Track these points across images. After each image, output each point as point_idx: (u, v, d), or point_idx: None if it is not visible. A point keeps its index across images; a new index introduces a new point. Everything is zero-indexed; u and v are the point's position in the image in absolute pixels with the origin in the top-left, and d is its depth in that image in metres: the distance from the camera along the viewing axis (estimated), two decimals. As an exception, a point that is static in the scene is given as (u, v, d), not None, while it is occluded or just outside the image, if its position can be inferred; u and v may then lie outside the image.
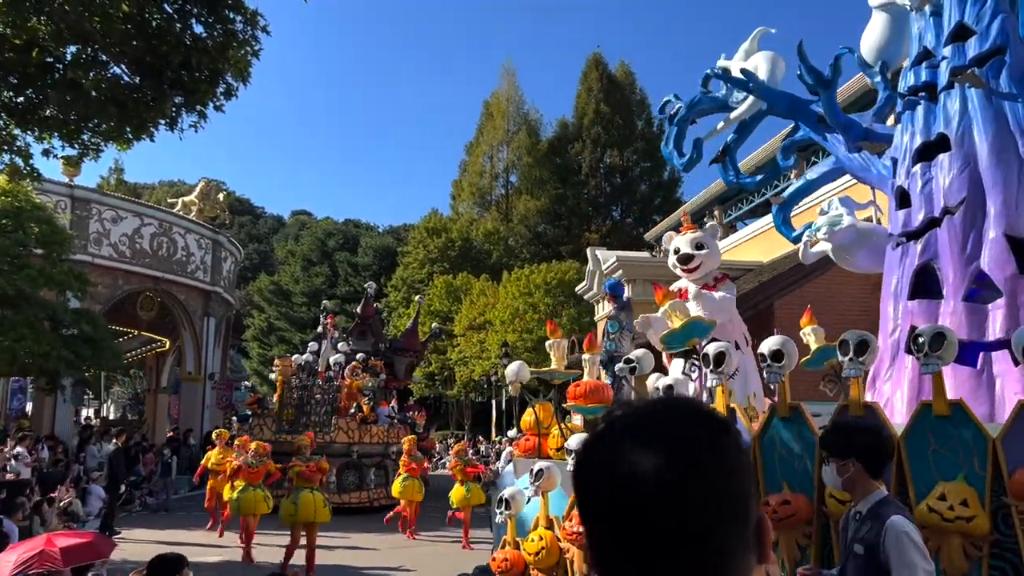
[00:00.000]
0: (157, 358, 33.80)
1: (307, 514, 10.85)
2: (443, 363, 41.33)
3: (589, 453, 1.01)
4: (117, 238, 25.51)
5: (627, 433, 0.97)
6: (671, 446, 0.94)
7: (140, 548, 12.92)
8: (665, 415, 0.99)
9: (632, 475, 0.93)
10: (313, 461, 11.43)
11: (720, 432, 0.98)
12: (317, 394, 19.67)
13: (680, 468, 0.92)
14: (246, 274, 63.81)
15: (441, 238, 49.52)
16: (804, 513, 4.28)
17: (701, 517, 0.92)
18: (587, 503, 0.99)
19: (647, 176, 50.82)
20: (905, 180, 5.92)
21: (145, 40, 6.10)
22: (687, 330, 6.10)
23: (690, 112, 7.24)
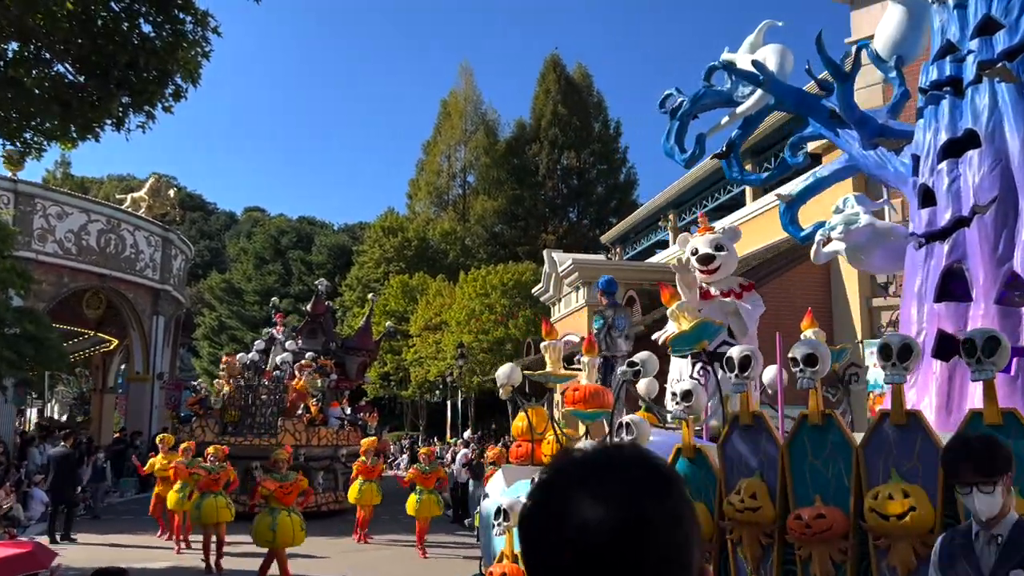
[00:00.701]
0: (104, 357, 33.02)
1: (285, 539, 10.14)
2: (398, 363, 41.08)
3: (537, 503, 1.01)
4: (63, 234, 24.85)
5: (576, 484, 0.98)
6: (619, 498, 0.95)
7: (85, 554, 12.63)
8: (613, 466, 1.00)
9: (581, 527, 0.94)
10: (289, 481, 10.48)
11: (667, 483, 1.00)
12: (263, 394, 19.02)
13: (629, 520, 0.93)
14: (197, 271, 62.68)
15: (397, 237, 49.24)
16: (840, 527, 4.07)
17: (649, 568, 0.93)
18: (534, 553, 0.99)
19: (603, 178, 51.20)
20: (930, 178, 5.68)
21: (91, 39, 5.93)
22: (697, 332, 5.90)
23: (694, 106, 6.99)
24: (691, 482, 4.32)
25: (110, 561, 11.92)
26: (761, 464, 4.34)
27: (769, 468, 4.31)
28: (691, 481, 4.32)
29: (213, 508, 11.91)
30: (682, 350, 6.35)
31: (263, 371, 19.66)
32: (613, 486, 0.96)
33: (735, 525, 4.24)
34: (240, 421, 18.59)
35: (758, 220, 18.37)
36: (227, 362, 19.76)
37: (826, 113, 6.49)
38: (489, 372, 31.98)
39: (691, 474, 4.41)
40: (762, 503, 4.19)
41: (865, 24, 15.30)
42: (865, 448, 4.08)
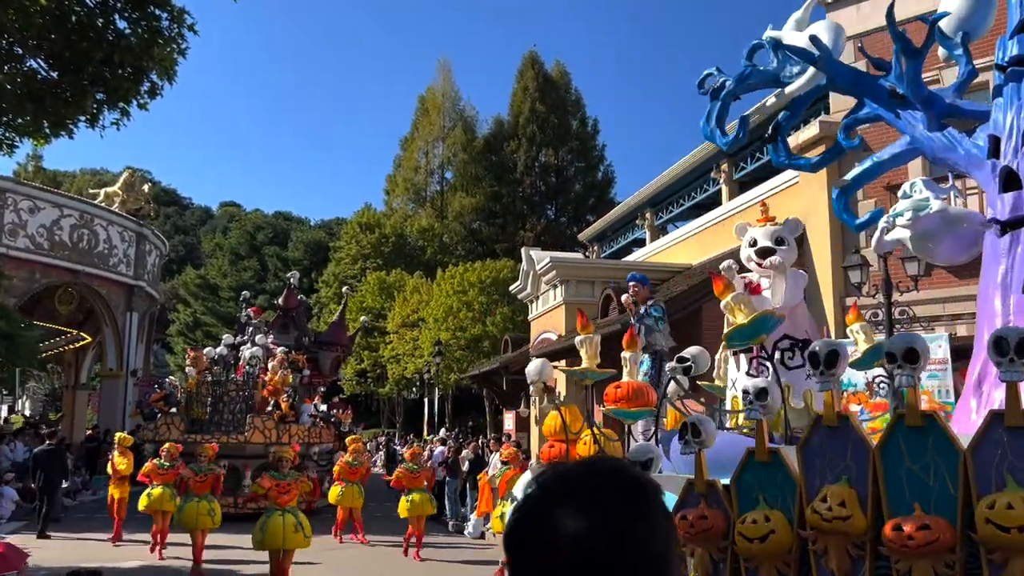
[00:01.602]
0: (76, 353, 32.59)
1: (274, 541, 9.40)
2: (375, 360, 40.97)
3: (520, 517, 1.05)
4: (34, 229, 24.50)
5: (556, 498, 1.02)
6: (598, 511, 0.99)
7: (58, 554, 12.49)
8: (593, 479, 1.03)
9: (562, 540, 0.97)
10: (289, 480, 9.84)
11: (644, 495, 1.03)
12: (232, 390, 18.38)
13: (608, 533, 0.97)
14: (171, 267, 62.08)
15: (374, 233, 49.06)
16: (947, 539, 3.76)
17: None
18: (518, 566, 1.03)
19: (581, 176, 51.31)
20: (1014, 160, 5.36)
21: (64, 35, 5.85)
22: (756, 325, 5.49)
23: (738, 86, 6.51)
24: (765, 488, 3.99)
25: (82, 560, 11.80)
26: (848, 469, 4.04)
27: (858, 473, 3.98)
28: (765, 487, 3.99)
29: (194, 513, 11.21)
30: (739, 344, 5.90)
31: (233, 366, 19.05)
32: (592, 499, 1.00)
33: (820, 535, 3.93)
34: (209, 418, 18.07)
35: (735, 219, 18.50)
36: (194, 356, 19.05)
37: (884, 93, 6.15)
38: (466, 369, 32.00)
39: (765, 479, 4.03)
40: (852, 511, 3.88)
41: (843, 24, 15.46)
42: (975, 452, 3.73)
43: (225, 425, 17.72)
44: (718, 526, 3.88)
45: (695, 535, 3.89)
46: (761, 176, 19.47)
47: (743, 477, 4.01)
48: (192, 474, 11.53)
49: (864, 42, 15.05)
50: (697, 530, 3.88)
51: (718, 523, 3.89)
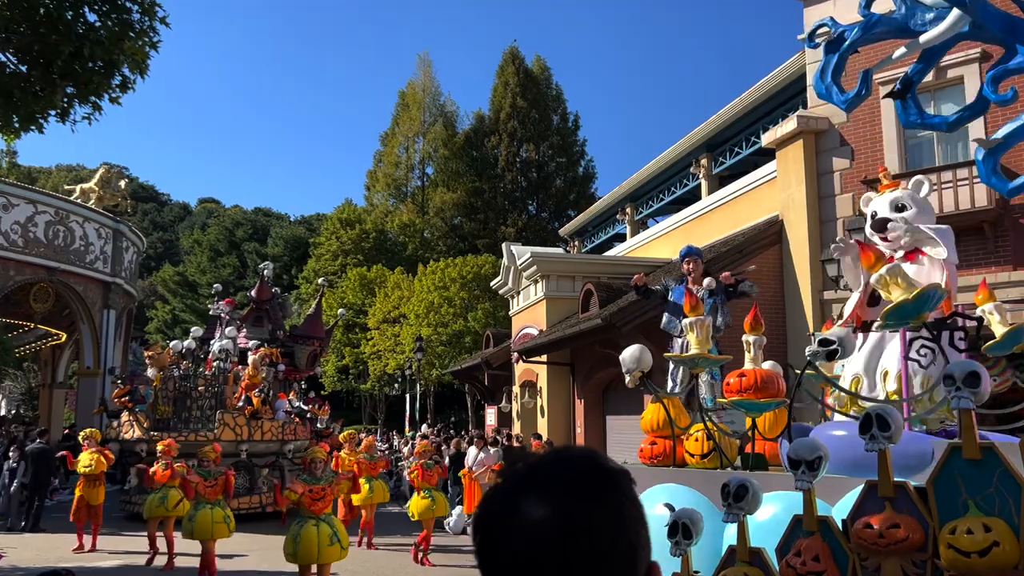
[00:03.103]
0: (53, 351, 32.23)
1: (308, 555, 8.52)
2: (356, 356, 40.82)
3: (487, 506, 1.04)
4: (8, 226, 24.17)
5: (522, 487, 1.01)
6: (568, 499, 0.98)
7: (32, 553, 12.35)
8: (562, 468, 1.03)
9: (526, 528, 0.97)
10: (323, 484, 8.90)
11: (613, 484, 1.03)
12: (200, 385, 17.49)
13: (576, 521, 0.96)
14: (150, 263, 61.54)
15: (355, 229, 48.83)
16: None
17: (593, 568, 0.96)
18: (483, 556, 1.02)
19: (562, 171, 51.34)
20: None
21: (33, 28, 5.75)
22: (919, 301, 4.79)
23: (863, 36, 5.82)
24: (975, 491, 3.30)
25: (59, 560, 11.69)
26: None
27: None
28: (975, 489, 3.30)
29: (208, 522, 10.35)
30: (900, 325, 5.16)
31: (202, 360, 18.19)
32: (561, 487, 0.99)
33: None
34: (176, 415, 17.26)
35: (714, 213, 18.61)
36: (150, 355, 18.00)
37: None
38: (448, 365, 31.95)
39: (976, 480, 3.33)
40: None
41: (817, 20, 15.55)
42: None
43: (193, 422, 17.00)
44: (914, 536, 3.35)
45: (885, 546, 3.38)
46: (740, 171, 19.57)
47: (944, 478, 3.40)
48: (200, 479, 10.55)
49: None
50: (888, 540, 3.36)
51: (914, 533, 3.35)
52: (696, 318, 6.00)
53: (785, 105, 18.20)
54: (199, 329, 20.14)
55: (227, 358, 17.74)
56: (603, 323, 15.16)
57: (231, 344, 18.12)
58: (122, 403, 17.52)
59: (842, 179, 14.92)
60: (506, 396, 23.93)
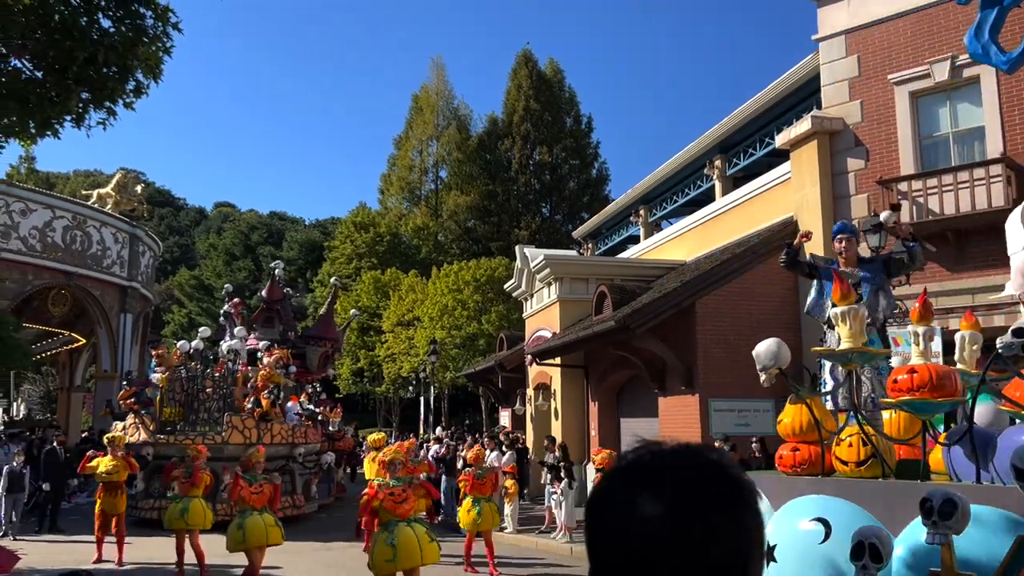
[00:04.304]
0: (71, 355, 32.52)
1: (411, 555, 7.80)
2: (371, 359, 40.95)
3: (605, 494, 1.02)
4: (27, 231, 24.42)
5: (645, 481, 0.99)
6: (684, 502, 0.96)
7: (50, 556, 12.45)
8: (685, 465, 1.01)
9: (641, 525, 0.95)
10: (404, 485, 8.19)
11: (737, 490, 1.01)
12: (208, 387, 17.04)
13: (689, 526, 0.95)
14: (166, 267, 61.99)
15: (369, 233, 49.03)
16: None
17: (705, 571, 0.95)
18: (594, 544, 1.01)
19: (575, 173, 51.31)
20: None
21: (48, 34, 5.82)
22: None
23: None
24: None
25: (76, 563, 11.77)
26: None
27: None
28: None
29: (261, 529, 9.57)
30: None
31: (212, 361, 17.80)
32: (682, 488, 0.98)
33: None
34: (185, 417, 16.84)
35: (728, 215, 18.54)
36: (158, 355, 17.59)
37: None
38: (462, 368, 31.97)
39: None
40: None
41: (832, 21, 15.49)
42: None
43: (200, 424, 16.63)
44: None
45: None
46: (754, 172, 19.48)
47: None
48: (246, 486, 9.84)
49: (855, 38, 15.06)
50: None
51: None
52: (847, 307, 5.27)
53: (799, 106, 18.11)
54: (207, 329, 19.80)
55: (236, 359, 17.42)
56: (617, 325, 15.12)
57: (240, 345, 17.76)
58: (128, 405, 17.32)
59: (857, 180, 14.83)
60: (520, 399, 23.91)
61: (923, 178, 13.79)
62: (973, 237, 13.19)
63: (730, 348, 15.26)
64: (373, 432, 16.13)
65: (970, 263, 13.16)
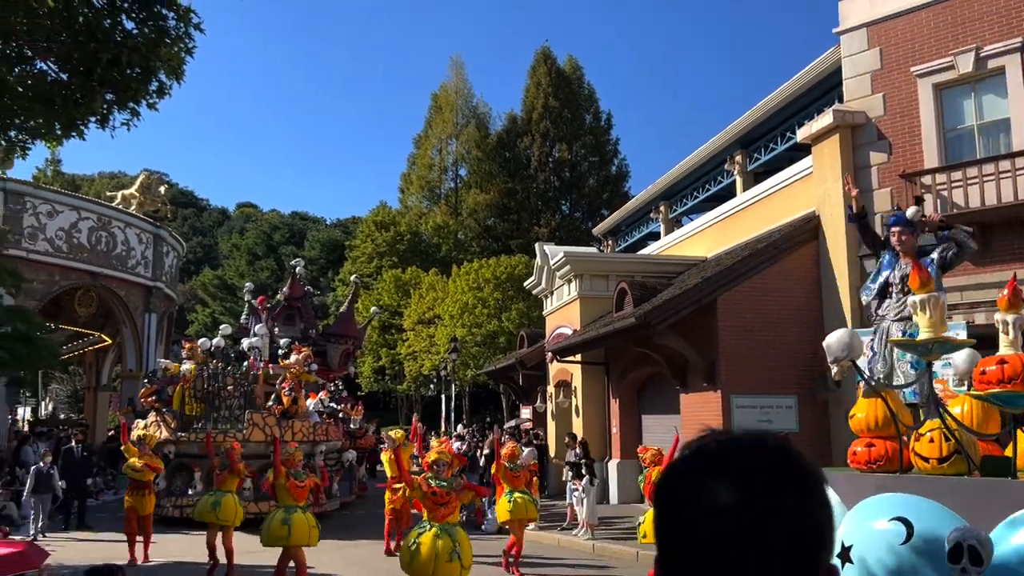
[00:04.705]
0: (97, 355, 32.95)
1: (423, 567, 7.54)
2: (392, 357, 41.13)
3: (673, 482, 1.02)
4: (53, 232, 24.77)
5: (713, 468, 0.99)
6: (755, 488, 0.96)
7: (79, 552, 12.64)
8: (760, 454, 1.01)
9: (711, 512, 0.95)
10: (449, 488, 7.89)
11: (808, 478, 1.00)
12: (230, 384, 17.04)
13: (760, 512, 0.95)
14: (189, 268, 62.58)
15: (390, 231, 49.24)
16: None
17: (776, 559, 0.94)
18: (663, 532, 1.01)
19: (595, 170, 51.19)
20: None
21: (73, 36, 5.91)
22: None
23: None
24: None
25: (104, 559, 11.93)
26: None
27: None
28: None
29: (304, 529, 9.48)
30: None
31: (235, 360, 17.78)
32: (752, 475, 0.97)
33: None
34: (206, 415, 16.88)
35: (750, 210, 18.41)
36: (190, 348, 17.65)
37: None
38: (482, 365, 32.03)
39: None
40: None
41: (853, 14, 15.34)
42: None
43: (222, 422, 16.63)
44: None
45: None
46: (775, 167, 19.35)
47: None
48: (293, 481, 9.76)
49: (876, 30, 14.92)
50: None
51: None
52: (927, 295, 4.96)
53: (821, 100, 17.96)
54: (228, 327, 19.83)
55: (258, 356, 17.41)
56: (637, 322, 15.08)
57: (261, 342, 17.75)
58: (150, 403, 17.39)
59: (880, 174, 14.68)
60: (541, 396, 23.92)
61: (947, 171, 13.63)
62: (999, 230, 13.02)
63: (752, 344, 15.17)
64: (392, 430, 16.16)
65: (996, 257, 12.99)
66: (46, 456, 15.75)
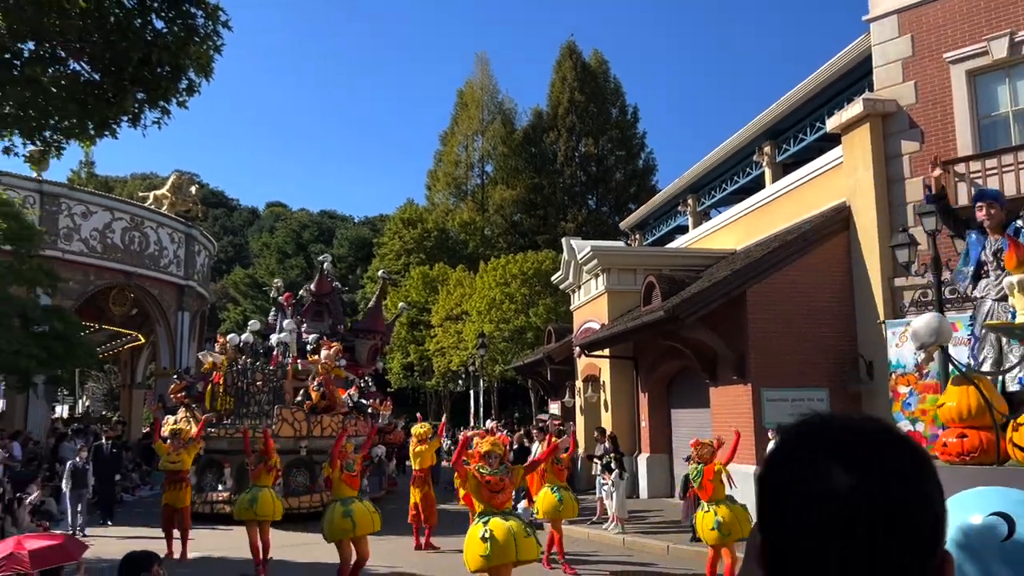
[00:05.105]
0: (132, 353, 33.49)
1: (505, 551, 7.23)
2: (421, 354, 41.31)
3: (781, 466, 0.98)
4: (88, 233, 25.20)
5: (831, 450, 0.95)
6: (875, 471, 0.93)
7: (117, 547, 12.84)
8: (869, 437, 0.97)
9: (826, 497, 0.91)
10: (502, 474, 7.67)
11: (924, 466, 0.97)
12: (259, 380, 17.11)
13: (883, 496, 0.91)
14: (221, 267, 63.33)
15: (417, 228, 49.42)
16: None
17: (895, 546, 0.91)
18: (772, 515, 0.97)
19: (622, 164, 50.92)
20: None
21: (104, 36, 6.02)
22: None
23: None
24: None
25: (141, 553, 12.09)
26: None
27: None
28: None
29: (367, 517, 9.43)
30: None
31: (263, 355, 17.87)
32: (871, 460, 0.94)
33: None
34: (235, 410, 16.93)
35: (779, 202, 18.23)
36: (223, 342, 17.73)
37: None
38: (511, 361, 32.07)
39: None
40: None
41: (884, 1, 15.10)
42: None
43: (251, 417, 16.68)
44: None
45: None
46: (805, 158, 19.13)
47: None
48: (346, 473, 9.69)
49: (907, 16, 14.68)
50: None
51: None
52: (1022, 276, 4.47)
53: (850, 89, 17.72)
54: (257, 322, 19.90)
55: (286, 352, 17.45)
56: (666, 315, 15.01)
57: (289, 337, 17.76)
58: (179, 399, 17.52)
59: (911, 162, 14.46)
60: (569, 391, 23.90)
61: (982, 159, 13.39)
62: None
63: (782, 336, 15.04)
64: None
65: (1033, 245, 12.72)
66: (81, 452, 16.03)
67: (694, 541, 12.92)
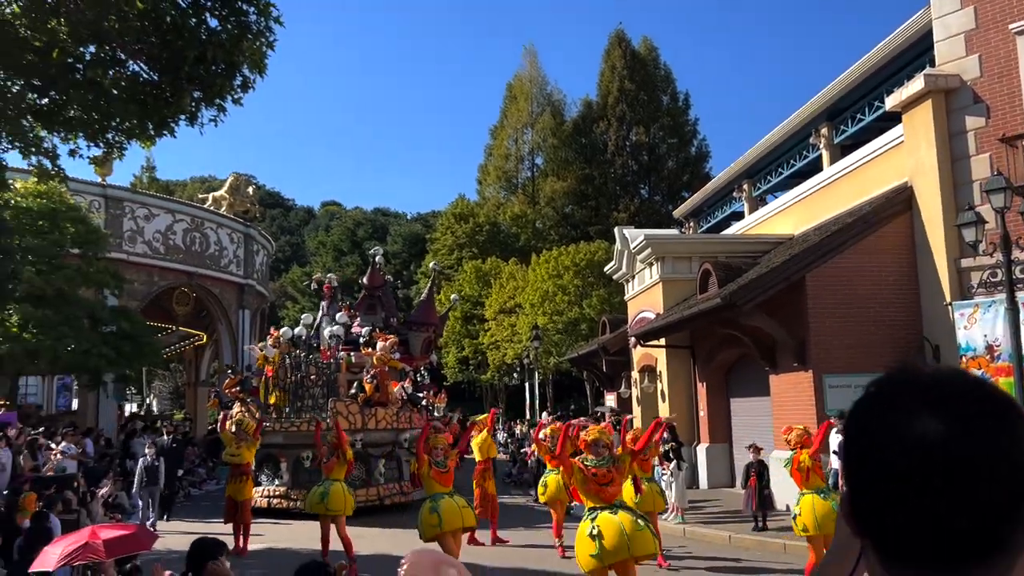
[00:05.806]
0: (196, 352, 34.38)
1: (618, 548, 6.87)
2: (475, 347, 41.52)
3: (870, 412, 0.96)
4: (151, 235, 25.95)
5: (919, 398, 0.92)
6: (965, 419, 0.89)
7: (186, 539, 13.18)
8: (960, 387, 0.93)
9: (917, 444, 0.89)
10: (609, 465, 7.29)
11: (1014, 413, 0.93)
12: (312, 373, 17.17)
13: (974, 442, 0.88)
14: (279, 266, 64.57)
15: (469, 223, 49.64)
16: None
17: (987, 493, 0.87)
18: (857, 465, 0.94)
19: (674, 152, 50.32)
20: None
21: (160, 36, 6.17)
22: None
23: None
24: None
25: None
26: None
27: None
28: None
29: (456, 513, 9.19)
30: None
31: (315, 347, 17.98)
32: (961, 408, 0.91)
33: None
34: (291, 404, 17.01)
35: (837, 184, 17.79)
36: (276, 336, 17.84)
37: None
38: (565, 353, 32.01)
39: None
40: None
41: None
42: None
43: (305, 410, 16.74)
44: None
45: None
46: (863, 139, 18.62)
47: None
48: (436, 470, 9.46)
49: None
50: None
51: None
52: None
53: (910, 66, 17.16)
54: (309, 315, 20.01)
55: (338, 344, 17.39)
56: (723, 302, 14.77)
57: (341, 331, 17.76)
58: (234, 394, 17.71)
59: (977, 139, 13.94)
60: (625, 382, 23.74)
61: (1052, 132, 12.85)
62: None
63: (843, 321, 14.68)
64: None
65: (1110, 220, 12.17)
66: (149, 449, 16.50)
67: (756, 531, 12.72)
